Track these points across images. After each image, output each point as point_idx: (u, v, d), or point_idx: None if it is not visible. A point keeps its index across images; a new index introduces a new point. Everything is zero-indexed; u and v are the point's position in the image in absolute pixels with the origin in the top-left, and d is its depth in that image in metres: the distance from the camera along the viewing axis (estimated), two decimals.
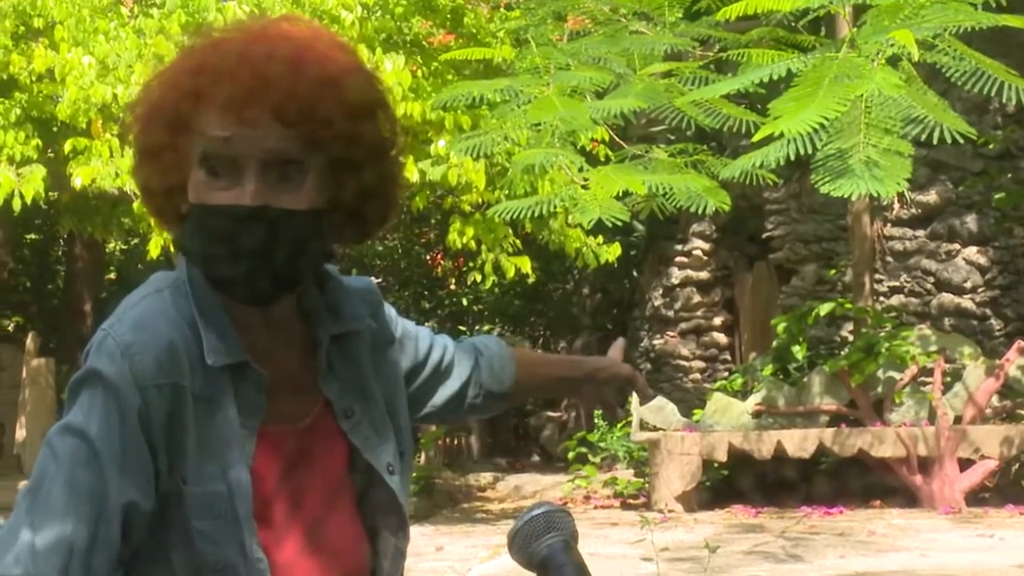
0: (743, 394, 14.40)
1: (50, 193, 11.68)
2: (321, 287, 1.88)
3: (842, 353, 14.13)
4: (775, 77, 4.48)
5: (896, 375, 13.27)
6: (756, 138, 4.32)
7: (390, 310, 2.02)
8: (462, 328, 22.35)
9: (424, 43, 12.27)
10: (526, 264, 12.36)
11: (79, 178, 10.45)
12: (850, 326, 15.31)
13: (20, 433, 15.34)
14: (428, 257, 21.95)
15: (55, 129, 11.73)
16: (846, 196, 4.28)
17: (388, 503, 1.89)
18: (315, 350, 1.85)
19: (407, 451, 1.94)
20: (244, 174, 1.69)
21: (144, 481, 1.68)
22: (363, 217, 1.84)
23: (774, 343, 14.56)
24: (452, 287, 22.45)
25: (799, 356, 14.05)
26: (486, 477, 16.63)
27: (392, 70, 10.27)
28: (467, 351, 2.18)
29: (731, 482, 13.99)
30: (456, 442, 18.96)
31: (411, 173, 10.62)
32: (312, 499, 1.82)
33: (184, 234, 1.75)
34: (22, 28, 11.21)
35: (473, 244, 12.15)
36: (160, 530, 1.72)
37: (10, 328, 24.63)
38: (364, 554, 1.87)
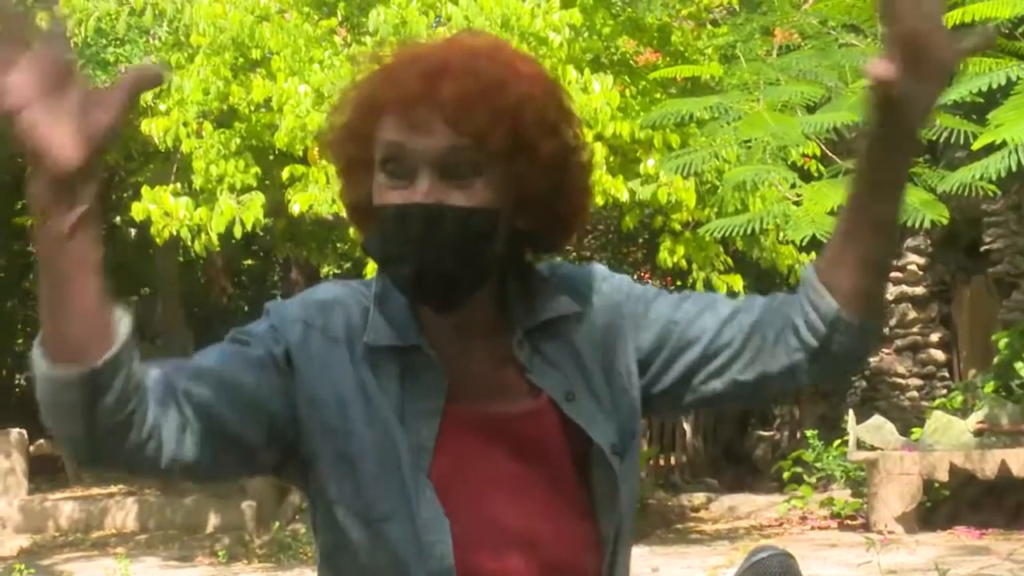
0: (963, 412, 14.05)
1: (267, 219, 11.98)
2: (523, 282, 1.88)
3: None
4: (994, 86, 4.38)
5: None
6: (976, 146, 4.23)
7: (622, 289, 1.93)
8: None
9: (631, 62, 12.25)
10: (738, 282, 12.21)
11: (297, 204, 10.68)
12: None
13: None
14: (636, 276, 21.94)
15: (272, 157, 12.03)
16: None
17: (611, 492, 1.84)
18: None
19: (635, 432, 1.88)
20: (418, 175, 1.74)
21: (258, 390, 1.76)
22: (549, 226, 1.85)
23: (995, 359, 14.18)
24: None
25: (1023, 373, 13.65)
26: (699, 497, 16.48)
27: (600, 90, 10.28)
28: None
29: (953, 503, 13.64)
30: (667, 461, 18.84)
31: (620, 192, 10.62)
32: (530, 489, 1.82)
33: (369, 238, 1.84)
34: (240, 60, 11.51)
35: (684, 263, 12.07)
36: (327, 485, 1.77)
37: None
38: (587, 549, 1.84)
